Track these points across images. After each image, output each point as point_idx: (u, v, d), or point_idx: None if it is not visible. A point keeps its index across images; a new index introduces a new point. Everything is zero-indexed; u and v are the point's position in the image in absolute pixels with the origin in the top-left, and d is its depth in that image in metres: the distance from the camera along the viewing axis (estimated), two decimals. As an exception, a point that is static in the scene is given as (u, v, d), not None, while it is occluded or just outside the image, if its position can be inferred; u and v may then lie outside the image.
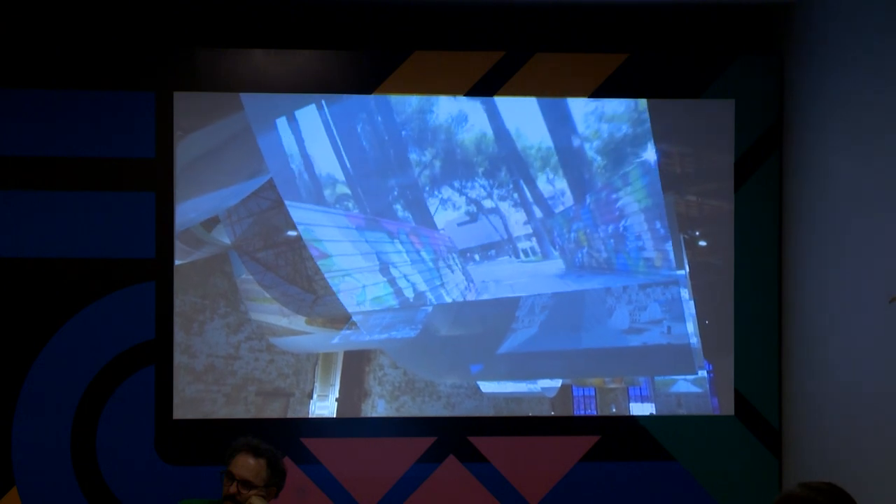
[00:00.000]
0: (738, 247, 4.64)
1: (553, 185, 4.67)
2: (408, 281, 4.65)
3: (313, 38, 4.68)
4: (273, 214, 4.57)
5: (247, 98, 4.51)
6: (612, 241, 4.68)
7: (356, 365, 4.61)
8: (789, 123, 4.59)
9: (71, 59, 4.46)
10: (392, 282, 4.63)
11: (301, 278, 4.59)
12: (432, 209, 4.66)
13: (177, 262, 4.50)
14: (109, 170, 4.46)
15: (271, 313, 4.59)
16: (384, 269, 4.64)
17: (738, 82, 4.64)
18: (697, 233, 4.66)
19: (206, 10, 4.64)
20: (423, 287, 4.64)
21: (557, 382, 4.65)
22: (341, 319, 4.59)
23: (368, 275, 4.63)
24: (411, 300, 4.63)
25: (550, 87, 4.60)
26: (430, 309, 4.62)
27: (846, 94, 4.08)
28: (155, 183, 4.48)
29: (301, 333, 4.60)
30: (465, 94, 4.58)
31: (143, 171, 4.48)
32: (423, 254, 4.65)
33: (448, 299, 4.63)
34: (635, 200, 4.67)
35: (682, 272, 4.65)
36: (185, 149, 4.51)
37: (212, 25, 4.66)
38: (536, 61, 4.59)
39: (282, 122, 4.57)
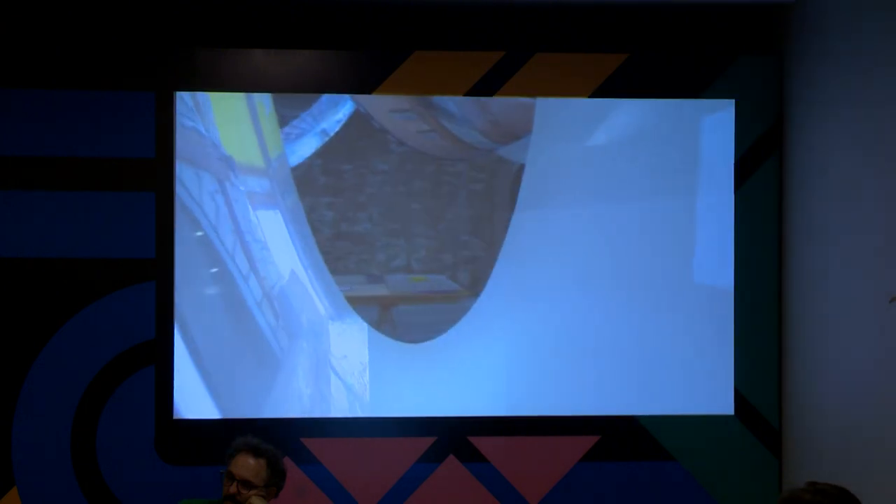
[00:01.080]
0: (737, 247, 4.63)
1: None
2: None
3: (313, 38, 4.68)
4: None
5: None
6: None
7: (357, 366, 4.60)
8: (789, 123, 4.59)
9: (71, 59, 4.46)
10: None
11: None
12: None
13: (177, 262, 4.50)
14: (109, 170, 4.46)
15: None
16: None
17: (738, 82, 4.63)
18: (699, 233, 4.65)
19: (206, 10, 4.63)
20: None
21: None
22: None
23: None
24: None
25: (550, 87, 4.59)
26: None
27: (846, 94, 4.08)
28: (155, 183, 4.48)
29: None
30: (465, 94, 4.57)
31: (143, 171, 4.47)
32: None
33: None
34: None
35: (689, 271, 4.64)
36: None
37: (212, 25, 4.66)
38: (536, 61, 4.59)
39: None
